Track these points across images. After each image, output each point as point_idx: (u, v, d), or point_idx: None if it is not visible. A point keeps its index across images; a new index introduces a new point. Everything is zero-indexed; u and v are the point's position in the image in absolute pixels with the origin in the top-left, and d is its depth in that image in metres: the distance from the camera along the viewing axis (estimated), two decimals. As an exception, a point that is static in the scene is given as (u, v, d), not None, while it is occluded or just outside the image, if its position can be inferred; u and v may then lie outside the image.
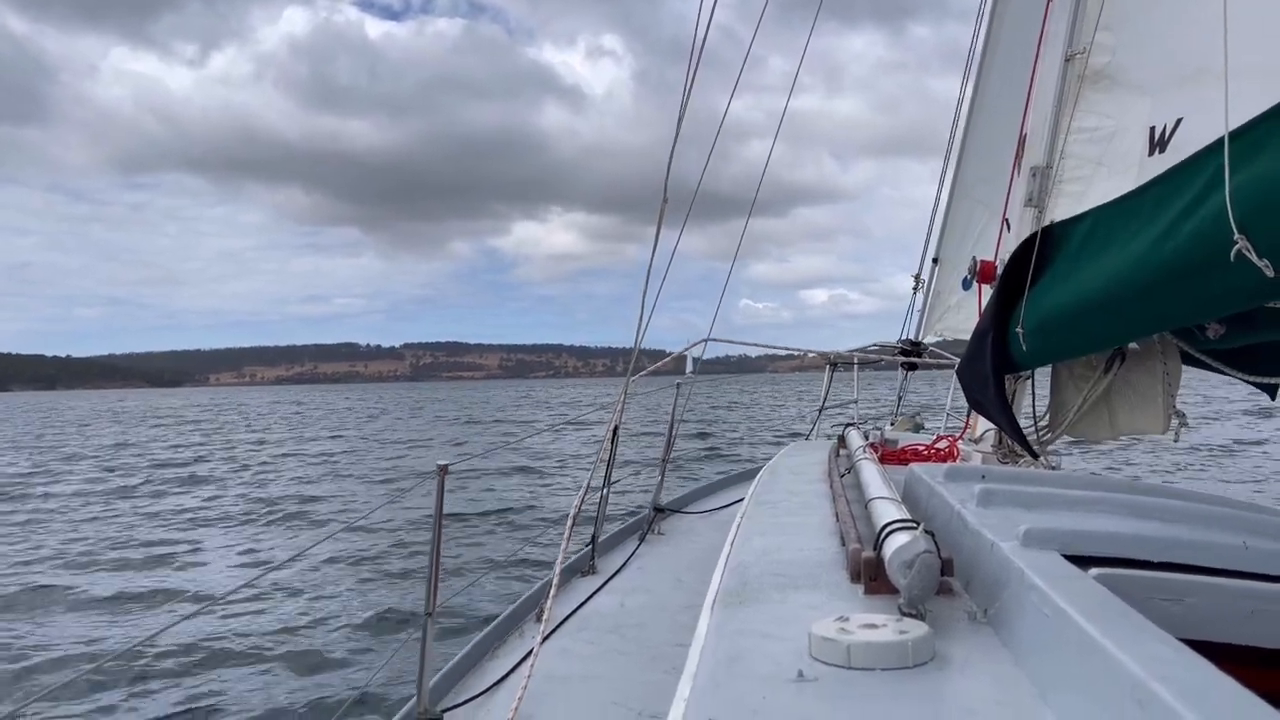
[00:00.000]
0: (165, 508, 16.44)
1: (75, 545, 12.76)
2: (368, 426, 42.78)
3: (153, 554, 12.03)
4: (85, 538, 13.38)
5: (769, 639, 1.33)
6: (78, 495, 18.60)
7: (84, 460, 27.72)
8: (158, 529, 14.08)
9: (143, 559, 11.78)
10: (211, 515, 15.43)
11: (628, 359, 4.79)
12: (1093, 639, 1.03)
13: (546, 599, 3.16)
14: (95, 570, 11.15)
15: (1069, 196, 3.28)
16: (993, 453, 3.71)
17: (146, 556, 11.91)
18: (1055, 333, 2.56)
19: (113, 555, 11.98)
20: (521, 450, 22.51)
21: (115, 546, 12.58)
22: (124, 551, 12.21)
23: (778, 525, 2.25)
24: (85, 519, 15.40)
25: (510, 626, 3.79)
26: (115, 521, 15.00)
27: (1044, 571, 1.29)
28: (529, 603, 3.93)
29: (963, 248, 7.40)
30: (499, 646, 3.62)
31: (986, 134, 7.11)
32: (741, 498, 5.76)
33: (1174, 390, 2.60)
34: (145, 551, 12.23)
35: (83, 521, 15.08)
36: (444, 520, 2.90)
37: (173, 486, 19.79)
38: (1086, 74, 3.22)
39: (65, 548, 12.60)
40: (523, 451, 22.40)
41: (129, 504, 17.11)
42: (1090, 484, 2.05)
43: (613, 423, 4.12)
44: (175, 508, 16.36)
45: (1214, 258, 1.71)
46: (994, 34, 6.95)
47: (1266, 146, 1.73)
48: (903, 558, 1.38)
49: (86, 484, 20.73)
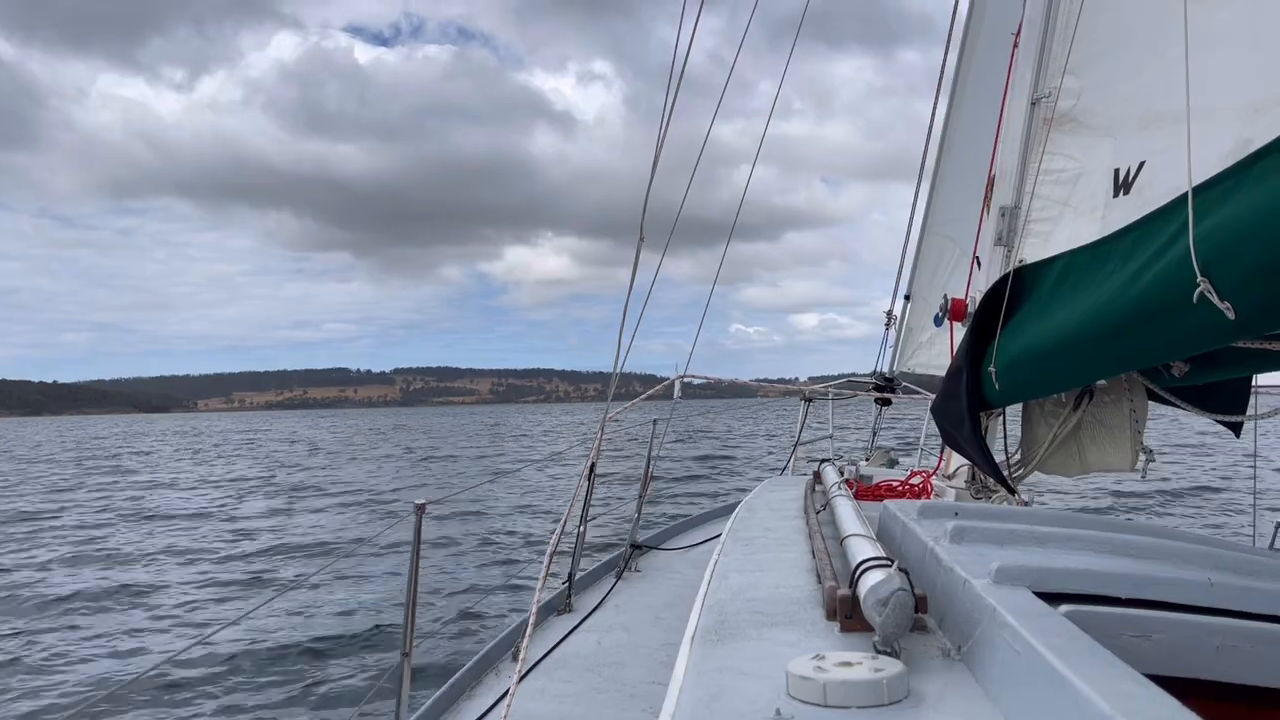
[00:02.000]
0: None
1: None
2: (307, 460, 38.98)
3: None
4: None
5: (747, 677, 1.34)
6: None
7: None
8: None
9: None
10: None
11: (620, 384, 4.79)
12: (1062, 676, 1.05)
13: (523, 638, 3.15)
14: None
15: (1036, 236, 3.34)
16: (966, 488, 3.74)
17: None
18: (1025, 372, 2.61)
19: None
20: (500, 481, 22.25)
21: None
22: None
23: (755, 562, 2.26)
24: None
25: (486, 666, 3.76)
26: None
27: (1015, 609, 1.31)
28: (505, 642, 3.90)
29: (934, 283, 7.49)
30: (475, 686, 3.59)
31: (956, 173, 7.23)
32: (718, 534, 5.76)
33: (1141, 427, 2.65)
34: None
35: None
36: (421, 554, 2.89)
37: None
38: (1052, 117, 3.30)
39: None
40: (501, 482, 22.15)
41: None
42: (1061, 521, 2.08)
43: (590, 459, 4.12)
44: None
45: (1179, 300, 1.76)
46: (961, 76, 7.10)
47: (1229, 198, 1.79)
48: (877, 595, 1.40)
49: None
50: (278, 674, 8.12)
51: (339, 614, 10.19)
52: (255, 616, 9.47)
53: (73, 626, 10.24)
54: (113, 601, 11.44)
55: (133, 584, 12.48)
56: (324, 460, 39.39)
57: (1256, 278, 1.62)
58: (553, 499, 20.07)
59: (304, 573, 12.51)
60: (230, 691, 7.72)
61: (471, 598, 10.66)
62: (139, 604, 11.29)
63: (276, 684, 7.85)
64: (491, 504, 19.55)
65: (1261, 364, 2.36)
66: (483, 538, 15.21)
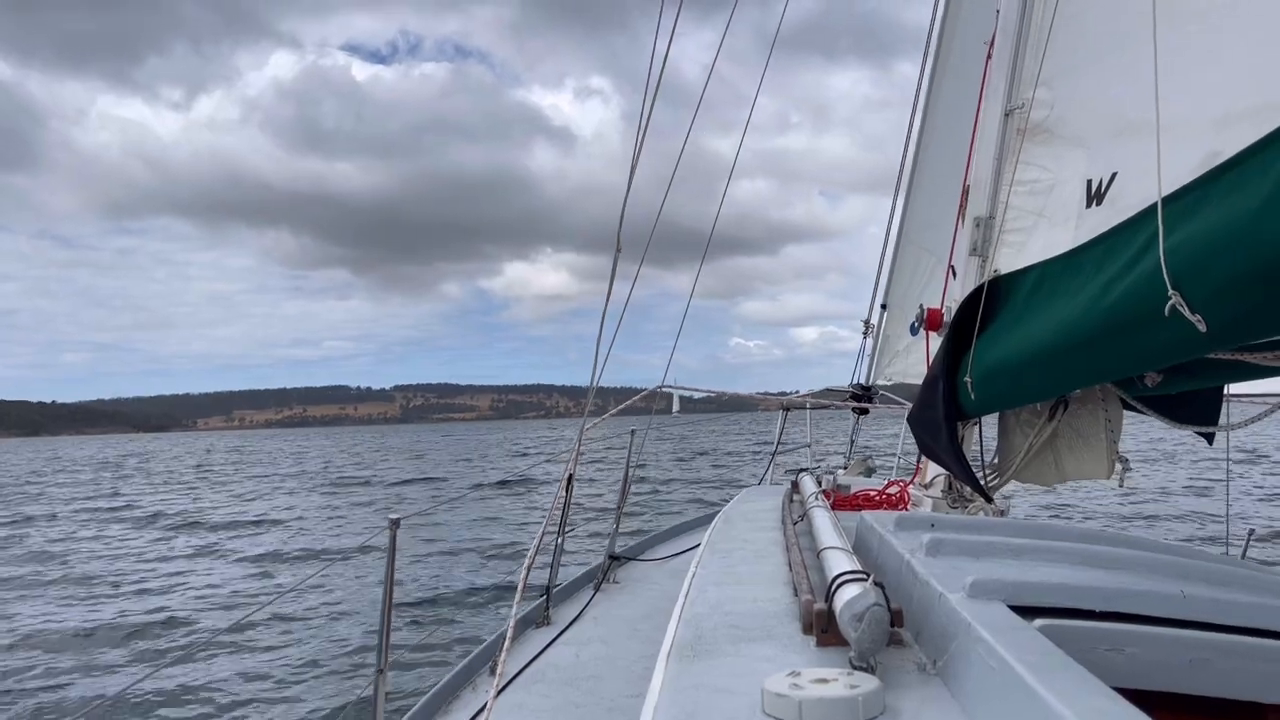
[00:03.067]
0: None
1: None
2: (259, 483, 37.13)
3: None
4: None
5: (722, 693, 1.33)
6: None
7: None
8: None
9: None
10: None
11: (619, 398, 4.76)
12: (1035, 692, 1.05)
13: (500, 652, 3.12)
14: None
15: (1011, 246, 3.36)
16: (943, 498, 3.75)
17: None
18: (1001, 382, 2.62)
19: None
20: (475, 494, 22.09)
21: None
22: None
23: (732, 575, 2.25)
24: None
25: (464, 680, 3.73)
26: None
27: (990, 623, 1.31)
28: (483, 655, 3.87)
29: (910, 293, 7.54)
30: (452, 701, 3.56)
31: (931, 182, 7.28)
32: (695, 545, 5.75)
33: (1116, 436, 2.66)
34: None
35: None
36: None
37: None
38: (1026, 128, 3.32)
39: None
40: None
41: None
42: (1035, 532, 2.08)
43: (567, 471, 4.10)
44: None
45: (1151, 313, 1.76)
46: (935, 86, 7.15)
47: (1198, 210, 1.79)
48: (853, 610, 1.39)
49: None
50: (252, 691, 8.02)
51: (312, 630, 10.10)
52: (227, 633, 9.38)
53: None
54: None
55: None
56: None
57: (1228, 290, 1.62)
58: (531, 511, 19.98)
59: (281, 584, 12.38)
60: (203, 710, 7.61)
61: (446, 611, 10.60)
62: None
63: (250, 701, 7.75)
64: (465, 515, 19.47)
65: (1234, 374, 2.37)
66: (454, 549, 15.14)
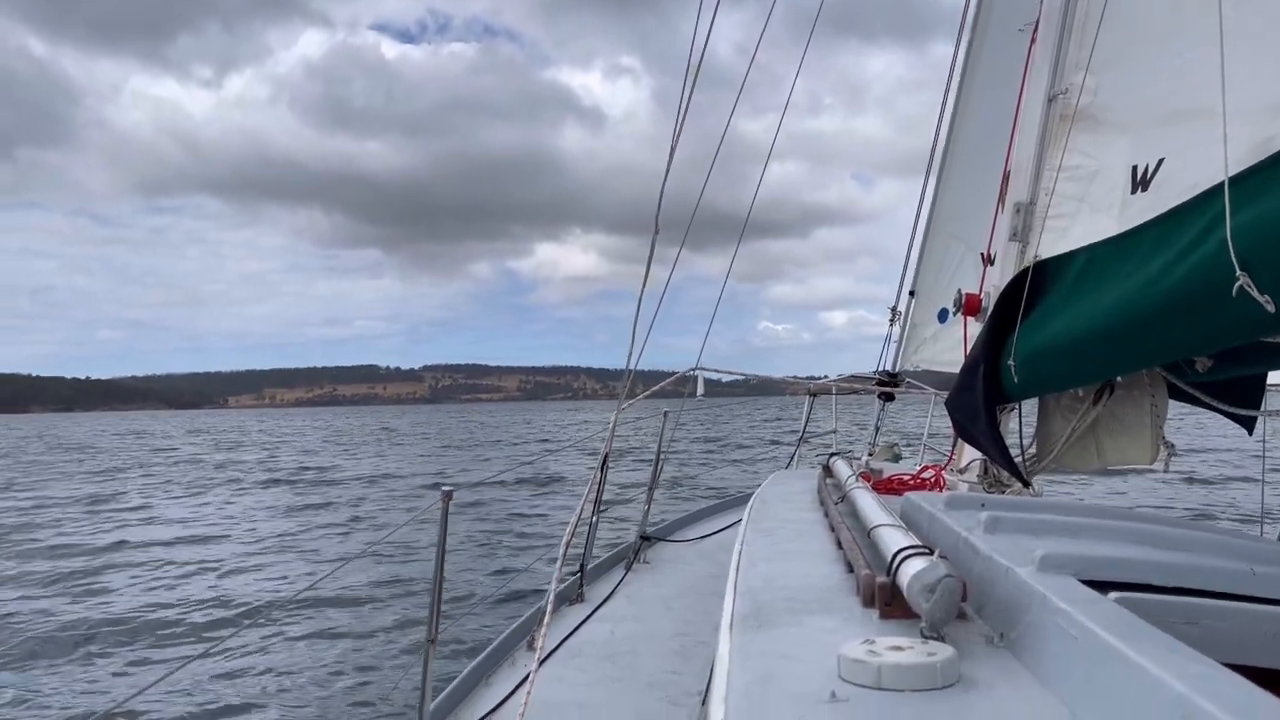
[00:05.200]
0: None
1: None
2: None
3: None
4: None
5: (793, 661, 1.36)
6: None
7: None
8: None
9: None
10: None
11: (647, 381, 4.78)
12: (1129, 659, 1.07)
13: (540, 627, 3.18)
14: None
15: (1052, 232, 3.37)
16: (978, 483, 3.77)
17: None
18: (1047, 366, 2.63)
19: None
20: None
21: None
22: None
23: (779, 552, 2.28)
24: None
25: (502, 655, 3.79)
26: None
27: (1066, 595, 1.33)
28: (520, 631, 3.93)
29: (938, 281, 7.53)
30: (492, 674, 3.63)
31: (963, 170, 7.26)
32: (725, 526, 5.80)
33: (1162, 422, 2.68)
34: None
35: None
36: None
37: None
38: (1069, 114, 3.33)
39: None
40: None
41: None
42: (1088, 511, 2.10)
43: (603, 451, 4.15)
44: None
45: (1214, 294, 1.78)
46: (969, 73, 7.12)
47: (1263, 193, 1.81)
48: (923, 582, 1.42)
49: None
50: (306, 659, 8.24)
51: (364, 601, 10.34)
52: (284, 606, 9.61)
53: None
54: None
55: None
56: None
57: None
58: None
59: (344, 555, 12.62)
60: (260, 675, 7.81)
61: (479, 585, 10.78)
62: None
63: (305, 668, 7.95)
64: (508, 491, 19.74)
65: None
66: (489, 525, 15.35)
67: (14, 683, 7.77)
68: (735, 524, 5.17)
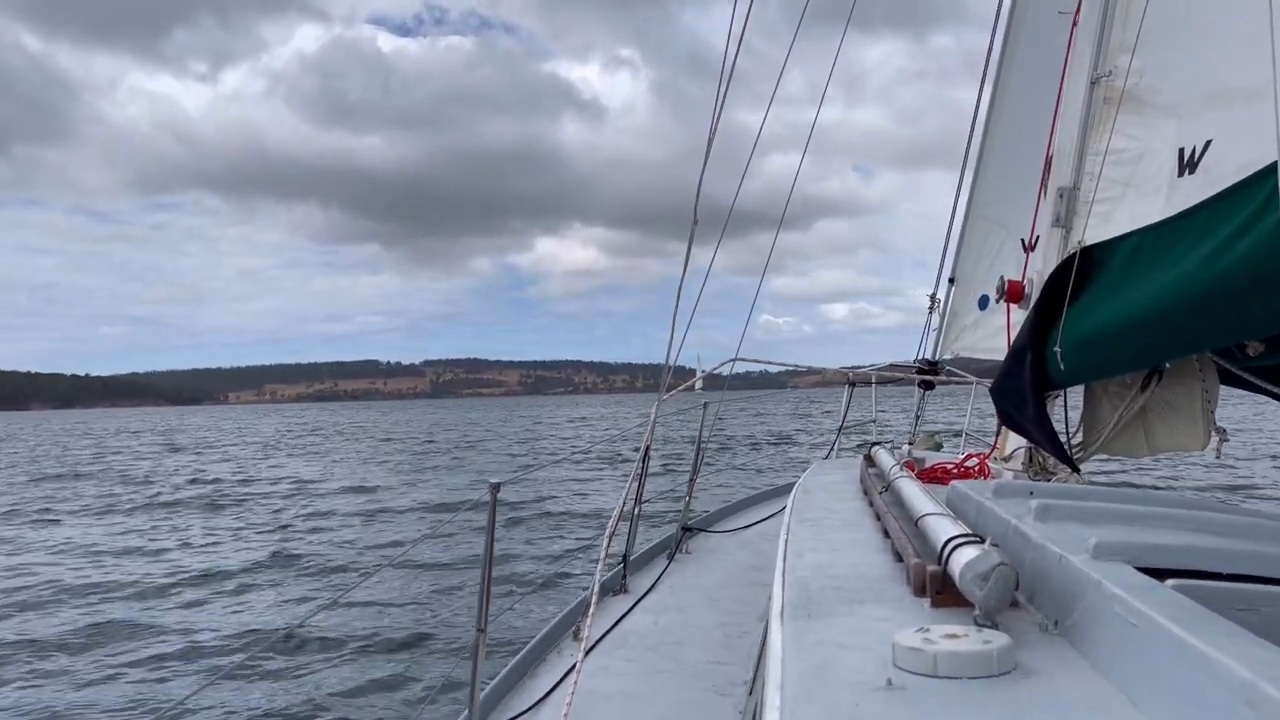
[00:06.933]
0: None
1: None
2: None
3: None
4: None
5: (847, 649, 1.37)
6: None
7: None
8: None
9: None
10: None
11: (647, 375, 4.78)
12: (1190, 645, 1.06)
13: (585, 618, 3.20)
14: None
15: (1097, 217, 3.33)
16: (1023, 471, 3.74)
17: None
18: (1095, 352, 2.61)
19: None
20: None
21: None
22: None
23: (826, 542, 2.29)
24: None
25: (548, 645, 3.83)
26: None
27: (1122, 582, 1.33)
28: (565, 621, 3.97)
29: (978, 268, 7.45)
30: (539, 664, 3.66)
31: (1002, 155, 7.17)
32: (766, 517, 5.79)
33: (1213, 407, 2.64)
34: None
35: None
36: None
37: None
38: (1113, 97, 3.28)
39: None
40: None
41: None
42: (1141, 499, 2.09)
43: (644, 442, 4.17)
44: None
45: (1268, 277, 1.76)
46: (1007, 59, 7.03)
47: None
48: (977, 570, 1.42)
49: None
50: (358, 649, 8.39)
51: (416, 592, 10.51)
52: (338, 603, 9.75)
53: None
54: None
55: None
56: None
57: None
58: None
59: (400, 544, 12.69)
60: (311, 665, 7.96)
61: (525, 575, 10.88)
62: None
63: (357, 659, 8.11)
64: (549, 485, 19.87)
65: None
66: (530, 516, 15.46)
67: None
68: (775, 515, 5.16)
